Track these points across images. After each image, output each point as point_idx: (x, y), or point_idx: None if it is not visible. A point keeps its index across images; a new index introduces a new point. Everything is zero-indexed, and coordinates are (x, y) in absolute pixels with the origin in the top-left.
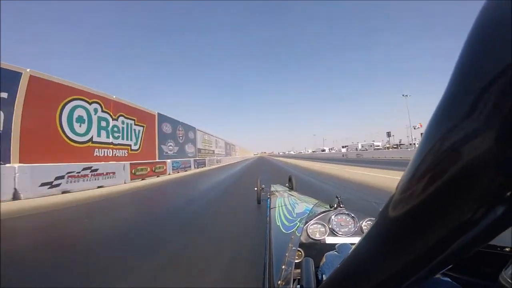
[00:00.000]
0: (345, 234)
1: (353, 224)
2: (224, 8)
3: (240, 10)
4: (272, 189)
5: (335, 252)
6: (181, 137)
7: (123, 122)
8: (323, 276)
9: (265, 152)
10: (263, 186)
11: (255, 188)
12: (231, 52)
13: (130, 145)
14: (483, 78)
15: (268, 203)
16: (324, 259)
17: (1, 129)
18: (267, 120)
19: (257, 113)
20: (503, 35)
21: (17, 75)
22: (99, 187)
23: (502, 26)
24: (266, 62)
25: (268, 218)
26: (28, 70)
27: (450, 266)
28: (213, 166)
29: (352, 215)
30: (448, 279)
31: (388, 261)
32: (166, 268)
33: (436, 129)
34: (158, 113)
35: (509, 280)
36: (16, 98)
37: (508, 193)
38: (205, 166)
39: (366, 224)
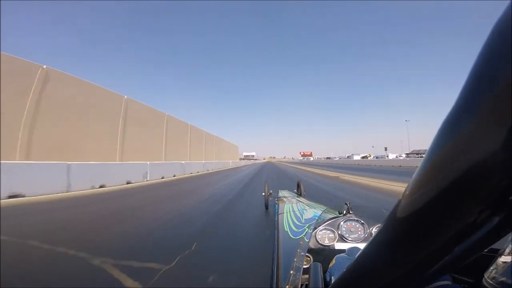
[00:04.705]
0: (354, 240)
1: (362, 231)
2: (228, 9)
3: (250, 11)
4: (280, 194)
5: (346, 255)
6: None
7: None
8: (332, 277)
9: (274, 157)
10: (271, 191)
11: (263, 194)
12: (236, 54)
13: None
14: (494, 84)
15: (276, 208)
16: (333, 261)
17: None
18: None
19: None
20: None
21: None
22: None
23: None
24: (270, 65)
25: (276, 224)
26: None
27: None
28: None
29: (362, 221)
30: (459, 286)
31: (395, 264)
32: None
33: (446, 134)
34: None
35: (491, 281)
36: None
37: (511, 197)
38: None
39: (376, 231)
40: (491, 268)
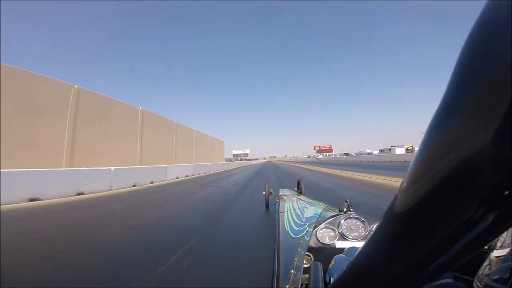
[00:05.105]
0: (355, 239)
1: (363, 228)
2: (226, 9)
3: (249, 12)
4: (281, 193)
5: (344, 255)
6: None
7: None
8: (331, 278)
9: (274, 157)
10: (271, 190)
11: (263, 193)
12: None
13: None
14: (480, 80)
15: (277, 207)
16: (333, 262)
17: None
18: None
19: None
20: (502, 36)
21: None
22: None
23: (501, 27)
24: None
25: (276, 223)
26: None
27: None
28: None
29: (362, 219)
30: (460, 284)
31: (393, 262)
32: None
33: (435, 130)
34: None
35: (478, 284)
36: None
37: (506, 193)
38: None
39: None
40: (485, 264)
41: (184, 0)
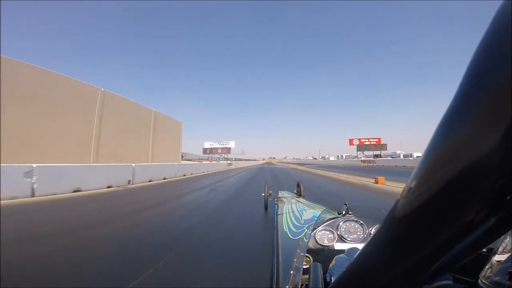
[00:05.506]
0: (353, 241)
1: (361, 231)
2: (227, 10)
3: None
4: (280, 195)
5: (345, 255)
6: None
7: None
8: (332, 278)
9: (274, 158)
10: (271, 192)
11: (263, 194)
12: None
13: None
14: (490, 83)
15: (276, 209)
16: (333, 262)
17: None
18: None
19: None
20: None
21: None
22: None
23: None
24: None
25: (275, 224)
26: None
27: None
28: None
29: (361, 222)
30: (459, 285)
31: (393, 263)
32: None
33: (443, 132)
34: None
35: (486, 282)
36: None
37: (508, 197)
38: None
39: (375, 231)
40: (486, 267)
41: (183, 0)
